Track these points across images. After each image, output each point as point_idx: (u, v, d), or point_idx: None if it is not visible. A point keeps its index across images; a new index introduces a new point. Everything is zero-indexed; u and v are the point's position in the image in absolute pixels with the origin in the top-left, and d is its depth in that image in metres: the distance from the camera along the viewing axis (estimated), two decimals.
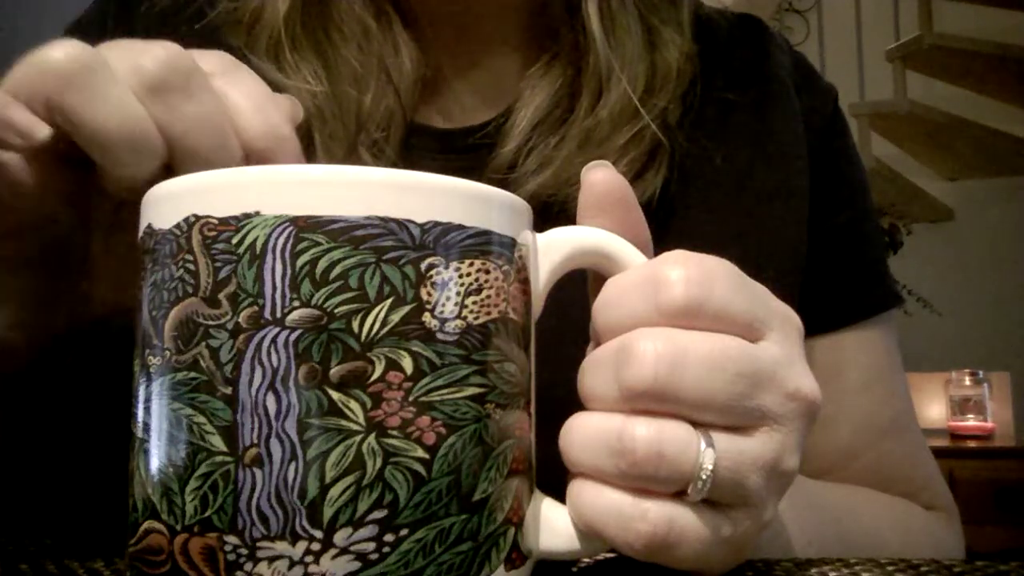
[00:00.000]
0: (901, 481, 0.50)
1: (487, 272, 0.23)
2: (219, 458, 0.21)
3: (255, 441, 0.21)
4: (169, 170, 0.28)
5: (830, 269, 0.49)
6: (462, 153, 0.47)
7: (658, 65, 0.46)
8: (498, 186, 0.25)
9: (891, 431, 0.50)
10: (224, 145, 0.28)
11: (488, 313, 0.23)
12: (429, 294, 0.22)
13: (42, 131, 0.27)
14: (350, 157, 0.44)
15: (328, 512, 0.21)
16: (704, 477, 0.23)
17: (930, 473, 0.52)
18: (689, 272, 0.24)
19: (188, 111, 0.27)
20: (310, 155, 0.43)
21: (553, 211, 0.43)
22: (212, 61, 0.29)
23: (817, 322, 0.48)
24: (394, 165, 0.44)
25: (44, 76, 0.26)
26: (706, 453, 0.23)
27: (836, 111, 0.53)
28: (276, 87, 0.43)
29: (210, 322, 0.21)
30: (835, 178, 0.51)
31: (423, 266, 0.22)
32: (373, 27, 0.45)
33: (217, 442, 0.21)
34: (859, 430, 0.49)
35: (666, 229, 0.45)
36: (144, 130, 0.27)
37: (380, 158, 0.44)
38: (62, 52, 0.26)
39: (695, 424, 0.24)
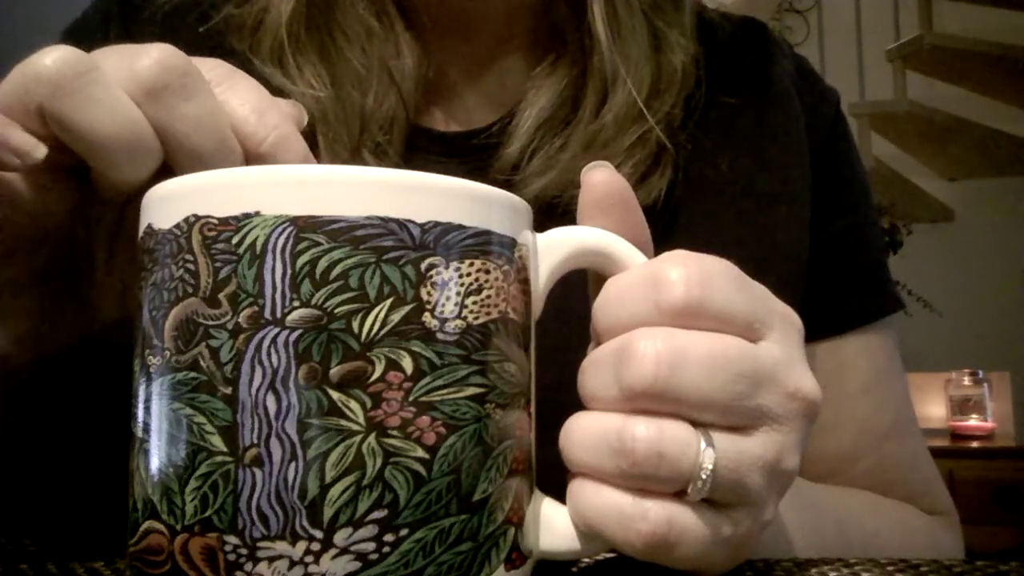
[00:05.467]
0: (902, 485, 0.50)
1: (487, 272, 0.23)
2: (219, 458, 0.21)
3: (255, 441, 0.21)
4: (170, 171, 0.28)
5: (831, 274, 0.49)
6: (466, 156, 0.46)
7: (663, 68, 0.46)
8: (502, 188, 0.25)
9: (892, 435, 0.50)
10: (223, 146, 0.27)
11: (488, 313, 0.23)
12: (429, 294, 0.22)
13: (39, 150, 0.26)
14: (353, 159, 0.43)
15: (328, 512, 0.21)
16: (704, 477, 0.23)
17: (931, 477, 0.52)
18: (689, 272, 0.24)
19: (185, 111, 0.26)
20: (314, 159, 0.43)
21: (557, 212, 0.43)
22: (210, 68, 0.29)
23: (818, 327, 0.48)
24: (397, 167, 0.44)
25: (34, 83, 0.25)
26: (706, 453, 0.23)
27: (838, 115, 0.53)
28: (280, 92, 0.43)
29: (210, 322, 0.21)
30: (837, 183, 0.51)
31: (423, 266, 0.22)
32: (376, 28, 0.45)
33: (217, 442, 0.21)
34: (860, 434, 0.49)
35: (670, 232, 0.45)
36: (140, 132, 0.26)
37: (383, 160, 0.44)
38: (52, 58, 0.25)
39: (695, 424, 0.24)
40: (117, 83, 0.26)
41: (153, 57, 0.26)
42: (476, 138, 0.47)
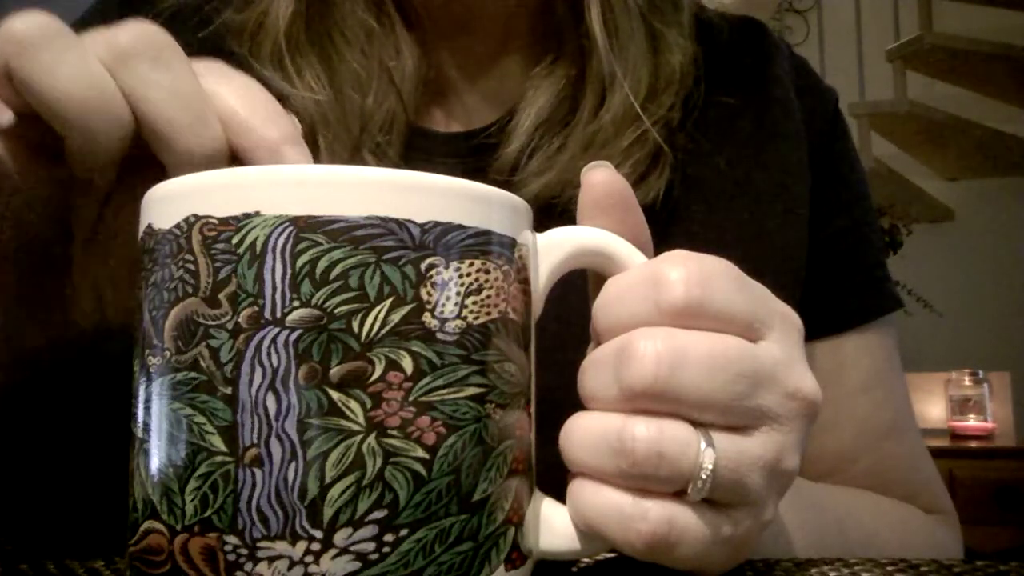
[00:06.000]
0: (900, 484, 0.50)
1: (487, 272, 0.23)
2: (219, 458, 0.21)
3: (255, 441, 0.21)
4: (164, 171, 0.28)
5: (830, 273, 0.50)
6: (466, 156, 0.47)
7: (661, 68, 0.46)
8: (501, 188, 0.25)
9: (891, 434, 0.50)
10: (199, 120, 0.26)
11: (488, 313, 0.23)
12: (429, 294, 0.22)
13: (4, 116, 0.26)
14: (353, 160, 0.44)
15: (328, 512, 0.21)
16: (704, 477, 0.23)
17: (929, 476, 0.52)
18: (689, 272, 0.24)
19: (159, 79, 0.26)
20: (314, 160, 0.43)
21: (556, 211, 0.43)
22: (207, 63, 0.28)
23: (818, 326, 0.48)
24: (396, 167, 0.45)
25: (3, 43, 0.25)
26: (706, 453, 0.23)
27: (836, 115, 0.53)
28: (280, 95, 0.43)
29: (210, 322, 0.21)
30: (835, 182, 0.51)
31: (423, 266, 0.22)
32: (375, 29, 0.45)
33: (217, 442, 0.21)
34: (859, 433, 0.49)
35: (668, 231, 0.45)
36: (106, 96, 0.25)
37: (383, 160, 0.44)
38: (23, 20, 0.25)
39: (695, 424, 0.24)
40: (90, 49, 0.26)
41: (130, 29, 0.26)
42: (475, 138, 0.47)
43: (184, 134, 0.26)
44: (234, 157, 0.27)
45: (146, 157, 0.28)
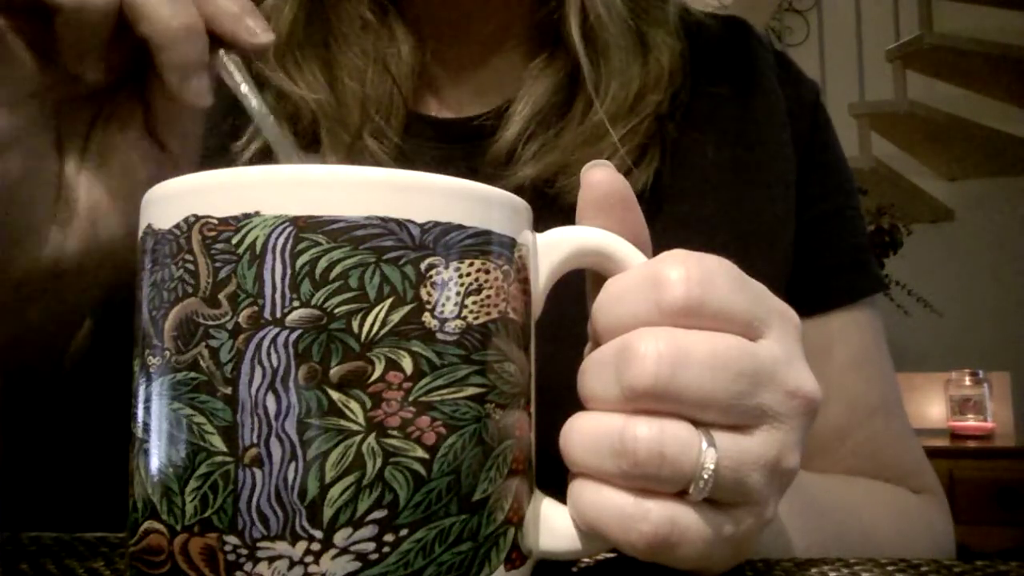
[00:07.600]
0: (891, 464, 0.51)
1: (487, 272, 0.23)
2: (219, 458, 0.21)
3: (255, 441, 0.21)
4: (173, 172, 0.28)
5: (816, 254, 0.51)
6: (463, 141, 0.48)
7: (651, 68, 0.48)
8: (495, 176, 0.25)
9: (880, 411, 0.51)
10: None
11: (488, 313, 0.23)
12: (429, 294, 0.22)
13: None
14: (355, 144, 0.45)
15: (328, 512, 0.21)
16: (706, 477, 0.23)
17: (918, 456, 0.54)
18: (689, 271, 0.24)
19: None
20: (318, 154, 0.44)
21: (549, 198, 0.44)
22: None
23: (804, 305, 0.48)
24: (397, 150, 0.46)
25: None
26: (707, 452, 0.23)
27: (818, 105, 0.55)
28: (283, 94, 0.45)
29: (210, 322, 0.21)
30: (819, 168, 0.53)
31: (423, 266, 0.22)
32: (373, 25, 0.47)
33: (217, 442, 0.21)
34: (849, 409, 0.50)
35: (657, 215, 0.46)
36: None
37: (384, 143, 0.46)
38: None
39: (696, 423, 0.24)
40: None
41: None
42: (473, 124, 0.48)
43: (161, 6, 0.28)
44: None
45: (130, 84, 0.30)
